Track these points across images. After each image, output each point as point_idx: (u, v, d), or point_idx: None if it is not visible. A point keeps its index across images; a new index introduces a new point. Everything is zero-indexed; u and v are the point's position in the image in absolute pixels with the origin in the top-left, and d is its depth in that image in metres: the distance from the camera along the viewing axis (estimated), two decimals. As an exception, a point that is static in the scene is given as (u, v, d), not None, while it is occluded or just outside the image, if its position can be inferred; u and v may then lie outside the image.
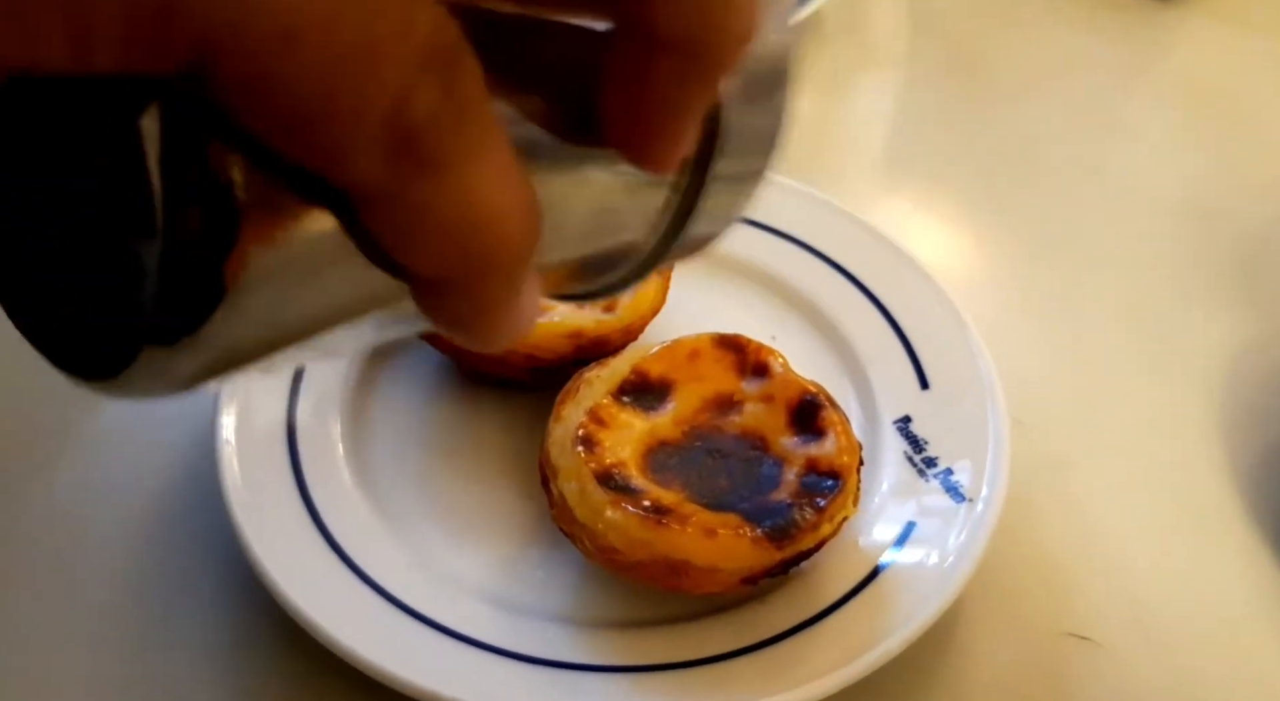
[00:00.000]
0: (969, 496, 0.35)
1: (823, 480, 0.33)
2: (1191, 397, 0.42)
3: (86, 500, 0.37)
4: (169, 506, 0.36)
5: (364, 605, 0.32)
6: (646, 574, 0.32)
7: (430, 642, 0.32)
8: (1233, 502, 0.39)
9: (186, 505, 0.36)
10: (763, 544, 0.31)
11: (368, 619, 0.32)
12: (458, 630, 0.32)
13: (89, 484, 0.37)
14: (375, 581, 0.33)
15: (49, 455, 0.39)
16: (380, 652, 0.31)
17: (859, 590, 0.34)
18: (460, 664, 0.32)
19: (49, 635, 0.34)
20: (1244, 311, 0.46)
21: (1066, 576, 0.37)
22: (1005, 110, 0.57)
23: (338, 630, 0.31)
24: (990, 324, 0.44)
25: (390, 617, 0.32)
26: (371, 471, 0.37)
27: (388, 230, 0.15)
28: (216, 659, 0.33)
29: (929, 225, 0.51)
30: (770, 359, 0.36)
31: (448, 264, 0.15)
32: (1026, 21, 0.62)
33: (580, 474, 0.33)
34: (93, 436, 0.39)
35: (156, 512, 0.36)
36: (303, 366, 0.38)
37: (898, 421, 0.39)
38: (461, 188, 0.14)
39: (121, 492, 0.37)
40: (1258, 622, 0.36)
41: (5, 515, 0.36)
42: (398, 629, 0.32)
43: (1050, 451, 0.40)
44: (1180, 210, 0.51)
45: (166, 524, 0.36)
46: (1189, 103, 0.58)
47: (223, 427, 0.35)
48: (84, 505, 0.37)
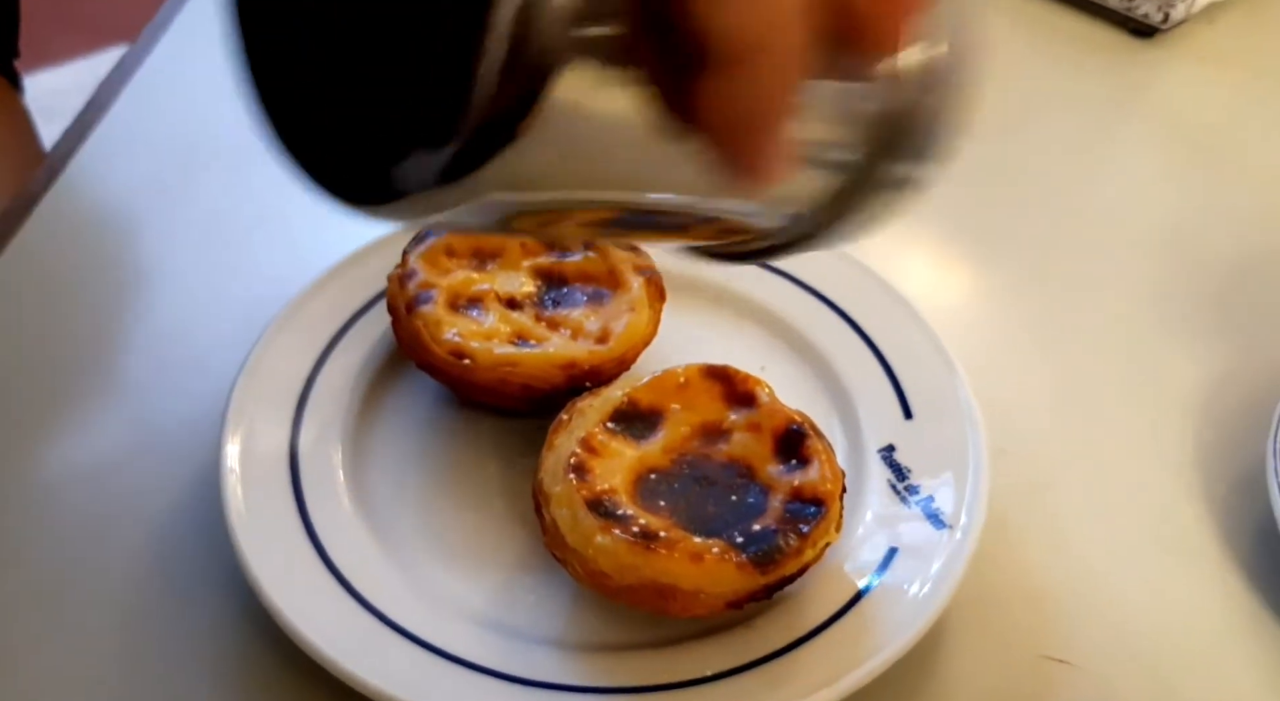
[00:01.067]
0: (949, 523, 0.37)
1: (806, 507, 0.34)
2: (1169, 425, 0.44)
3: (92, 523, 0.38)
4: (174, 529, 0.38)
5: (361, 627, 0.33)
6: (635, 597, 0.33)
7: (425, 664, 0.33)
8: (1208, 528, 0.40)
9: (191, 528, 0.37)
10: (747, 569, 0.32)
11: (365, 640, 0.33)
12: (452, 652, 0.33)
13: (95, 507, 0.39)
14: (373, 604, 0.34)
15: (55, 478, 0.40)
16: (376, 673, 0.32)
17: (842, 614, 0.35)
18: (454, 685, 0.33)
19: (52, 655, 0.35)
20: (1221, 341, 0.47)
21: (1045, 600, 0.38)
22: (991, 146, 0.58)
23: (335, 651, 0.32)
24: (974, 354, 0.45)
25: (386, 639, 0.33)
26: (371, 497, 0.38)
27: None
28: (217, 677, 0.34)
29: (916, 258, 0.52)
30: (757, 389, 0.38)
31: (742, 26, 0.18)
32: (1012, 60, 0.64)
33: (572, 500, 0.34)
34: (99, 460, 0.40)
35: (162, 535, 0.38)
36: (305, 394, 0.39)
37: (882, 450, 0.40)
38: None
39: (128, 515, 0.38)
40: (1232, 646, 0.37)
41: (9, 537, 0.38)
42: (394, 650, 0.33)
43: (1031, 478, 0.42)
44: (1160, 242, 0.52)
45: (171, 546, 0.37)
46: (1169, 137, 0.59)
47: (227, 453, 0.36)
48: (90, 527, 0.38)
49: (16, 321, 0.45)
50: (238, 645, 0.35)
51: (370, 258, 0.43)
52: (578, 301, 0.42)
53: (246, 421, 0.37)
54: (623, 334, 0.40)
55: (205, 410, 0.39)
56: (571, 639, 0.35)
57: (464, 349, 0.38)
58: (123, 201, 0.50)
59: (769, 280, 0.45)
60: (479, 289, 0.41)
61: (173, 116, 0.55)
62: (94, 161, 0.52)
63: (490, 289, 0.41)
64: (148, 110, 0.55)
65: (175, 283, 0.47)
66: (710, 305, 0.45)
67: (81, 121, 0.54)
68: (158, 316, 0.46)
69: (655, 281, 0.42)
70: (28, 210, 0.49)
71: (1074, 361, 0.47)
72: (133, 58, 0.58)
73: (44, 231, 0.49)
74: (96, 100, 0.55)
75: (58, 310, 0.46)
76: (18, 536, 0.38)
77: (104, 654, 0.35)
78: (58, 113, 0.55)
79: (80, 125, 0.54)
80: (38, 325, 0.45)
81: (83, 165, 0.51)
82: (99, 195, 0.51)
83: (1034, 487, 0.41)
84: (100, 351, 0.44)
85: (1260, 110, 0.60)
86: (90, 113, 0.54)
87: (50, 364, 0.44)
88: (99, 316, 0.46)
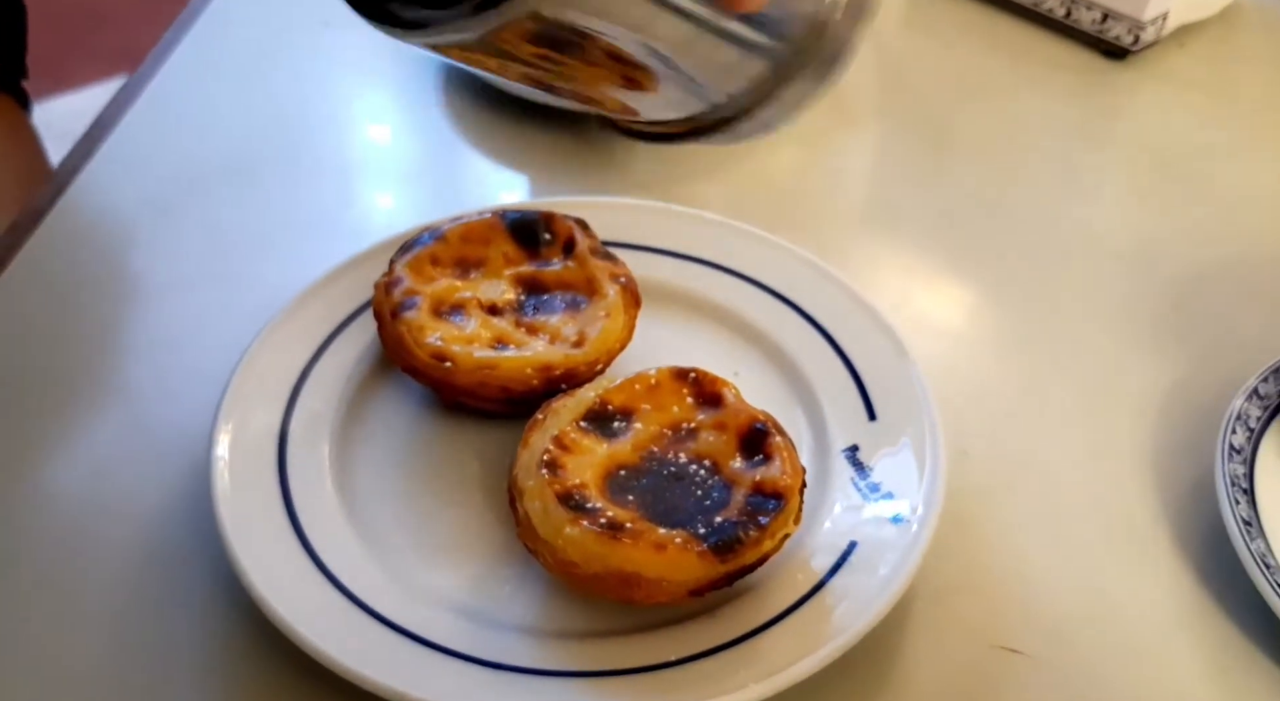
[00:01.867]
0: (906, 519, 0.38)
1: (767, 500, 0.36)
2: (1126, 429, 0.45)
3: (89, 521, 0.40)
4: (167, 524, 0.39)
5: (343, 614, 0.35)
6: (602, 586, 0.35)
7: (403, 649, 0.35)
8: (1161, 527, 0.42)
9: (183, 523, 0.39)
10: (708, 557, 0.34)
11: (346, 626, 0.35)
12: (430, 638, 0.35)
13: (92, 506, 0.41)
14: (353, 593, 0.36)
15: (55, 479, 0.42)
16: (356, 658, 0.33)
17: (801, 603, 0.36)
18: (431, 669, 0.34)
19: (44, 643, 0.36)
20: (1177, 349, 0.49)
21: (1000, 594, 0.39)
22: (965, 164, 0.60)
23: (317, 637, 0.34)
24: (941, 361, 0.47)
25: (366, 626, 0.35)
26: (355, 491, 0.40)
27: None
28: (203, 659, 0.36)
29: (891, 270, 0.54)
30: (724, 390, 0.39)
31: None
32: (987, 82, 0.66)
33: (543, 494, 0.36)
34: (99, 461, 0.42)
35: (155, 530, 0.39)
36: (296, 393, 0.41)
37: (846, 450, 0.41)
38: None
39: (123, 513, 0.40)
40: (1181, 637, 0.38)
41: (8, 536, 0.39)
42: (373, 636, 0.35)
43: (992, 478, 0.43)
44: (1122, 254, 0.54)
45: (164, 539, 0.39)
46: (1136, 157, 0.61)
47: (218, 443, 0.38)
48: (86, 525, 0.40)
49: (22, 329, 0.47)
50: (225, 633, 0.36)
51: (359, 267, 0.45)
52: (556, 308, 0.44)
53: (238, 415, 0.39)
54: (597, 339, 0.42)
55: (200, 414, 0.41)
56: (544, 626, 0.36)
57: (445, 352, 0.40)
58: (125, 216, 0.53)
59: (743, 289, 0.47)
60: (461, 296, 0.43)
61: (174, 137, 0.58)
62: (98, 178, 0.54)
63: (472, 296, 0.43)
64: (150, 130, 0.58)
65: (174, 294, 0.49)
66: (686, 312, 0.47)
67: (87, 140, 0.56)
68: (157, 325, 0.48)
69: (630, 289, 0.44)
70: (34, 224, 0.52)
71: (1037, 368, 0.48)
72: (137, 81, 0.60)
73: (49, 244, 0.51)
74: (102, 120, 0.57)
75: (61, 319, 0.48)
76: (16, 535, 0.40)
77: (97, 643, 0.36)
78: (71, 135, 0.58)
79: (86, 143, 0.56)
80: (42, 333, 0.47)
81: (87, 181, 0.54)
82: (102, 210, 0.53)
83: (994, 487, 0.43)
84: (101, 358, 0.46)
85: (1224, 131, 0.62)
86: (96, 132, 0.57)
87: (53, 370, 0.46)
88: (101, 325, 0.48)
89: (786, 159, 0.59)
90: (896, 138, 0.63)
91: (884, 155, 0.62)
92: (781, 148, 0.60)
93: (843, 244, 0.55)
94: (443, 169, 0.59)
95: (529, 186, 0.57)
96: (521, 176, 0.58)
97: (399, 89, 0.62)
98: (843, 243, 0.55)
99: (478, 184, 0.58)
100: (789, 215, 0.55)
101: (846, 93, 0.65)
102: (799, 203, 0.57)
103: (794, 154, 0.60)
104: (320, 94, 0.62)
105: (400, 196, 0.57)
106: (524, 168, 0.58)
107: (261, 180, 0.55)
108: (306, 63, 0.64)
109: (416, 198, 0.57)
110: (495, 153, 0.58)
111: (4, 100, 0.74)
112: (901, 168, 0.61)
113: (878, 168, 0.61)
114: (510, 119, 0.59)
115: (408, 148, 0.60)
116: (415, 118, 0.61)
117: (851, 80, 0.66)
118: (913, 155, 0.61)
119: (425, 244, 0.44)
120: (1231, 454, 0.41)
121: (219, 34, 0.65)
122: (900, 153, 0.62)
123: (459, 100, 0.61)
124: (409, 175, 0.59)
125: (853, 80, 0.66)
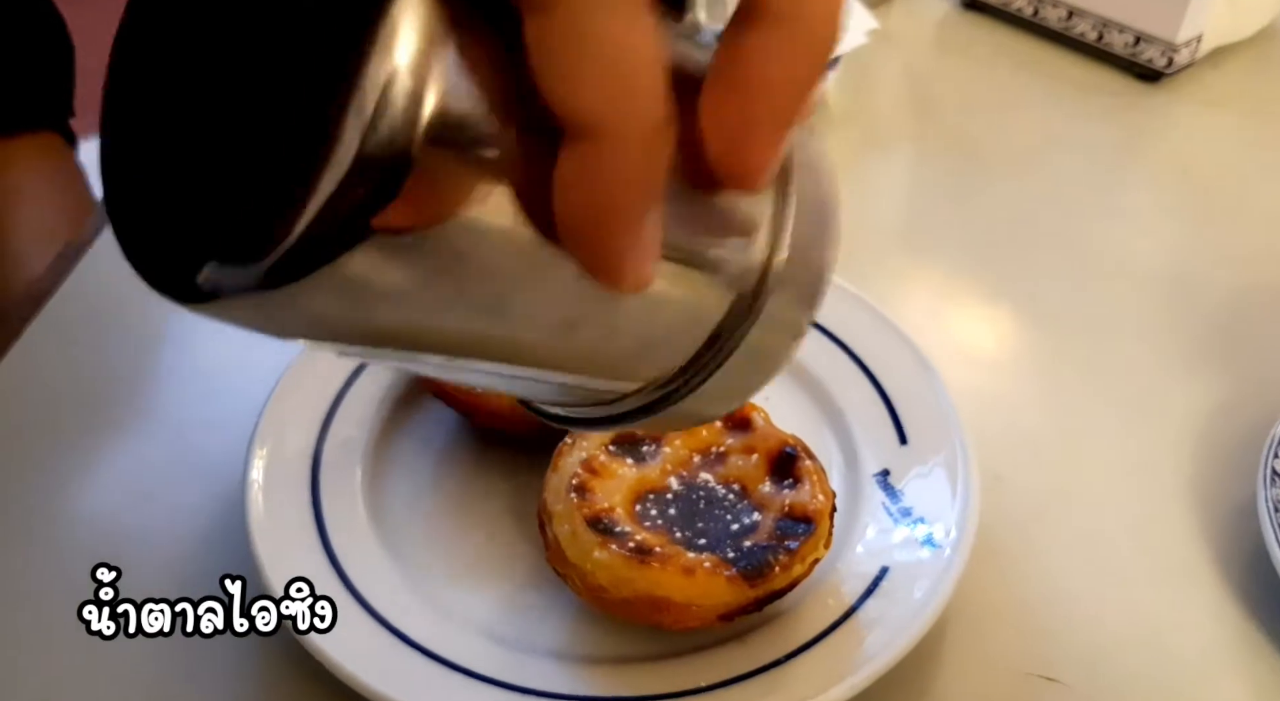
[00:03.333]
0: (940, 544, 0.38)
1: (797, 524, 0.36)
2: (1165, 457, 0.44)
3: (129, 540, 0.41)
4: (201, 546, 0.40)
5: (373, 637, 0.35)
6: (631, 610, 0.35)
7: (433, 673, 0.35)
8: (1203, 557, 0.41)
9: (217, 544, 0.40)
10: (737, 582, 0.34)
11: (376, 650, 0.35)
12: (459, 662, 0.35)
13: (132, 524, 0.41)
14: (384, 617, 0.36)
15: (87, 494, 0.43)
16: (385, 680, 0.33)
17: (833, 629, 0.36)
18: (460, 693, 0.34)
19: (80, 667, 0.37)
20: (1216, 373, 0.48)
21: (1036, 621, 0.39)
22: (998, 187, 0.60)
23: (346, 659, 0.34)
24: (973, 384, 0.46)
25: (396, 649, 0.35)
26: (387, 515, 0.40)
27: (544, 51, 0.16)
28: (236, 682, 0.36)
29: (922, 292, 0.54)
30: (753, 414, 0.39)
31: (593, 97, 0.16)
32: (1019, 104, 0.66)
33: (572, 518, 0.36)
34: (139, 481, 0.43)
35: (190, 552, 0.40)
36: (329, 418, 0.41)
37: (877, 474, 0.41)
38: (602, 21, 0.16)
39: (162, 533, 0.41)
40: (1225, 670, 0.37)
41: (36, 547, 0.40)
42: (403, 659, 0.35)
43: (1028, 503, 0.43)
44: (1160, 279, 0.53)
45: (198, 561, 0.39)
46: (1171, 179, 0.61)
47: (252, 468, 0.38)
48: (126, 545, 0.40)
49: (65, 355, 0.48)
50: (257, 655, 0.37)
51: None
52: (585, 333, 0.44)
53: (273, 440, 0.40)
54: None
55: (236, 440, 0.41)
56: (573, 651, 0.36)
57: (476, 377, 0.41)
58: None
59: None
60: (492, 322, 0.43)
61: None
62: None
63: (503, 322, 0.44)
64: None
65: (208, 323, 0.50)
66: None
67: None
68: (195, 353, 0.49)
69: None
70: (80, 254, 0.53)
71: (1071, 391, 0.48)
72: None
73: (93, 274, 0.52)
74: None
75: (103, 345, 0.49)
76: (54, 558, 0.40)
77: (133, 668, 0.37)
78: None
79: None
80: (84, 359, 0.48)
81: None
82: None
83: (1029, 513, 0.42)
84: (141, 385, 0.47)
85: (1261, 152, 0.62)
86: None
87: (94, 396, 0.47)
88: (141, 351, 0.49)
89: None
90: (928, 160, 0.63)
91: (915, 178, 0.62)
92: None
93: (872, 266, 0.55)
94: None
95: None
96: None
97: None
98: (872, 265, 0.55)
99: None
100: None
101: (877, 115, 0.65)
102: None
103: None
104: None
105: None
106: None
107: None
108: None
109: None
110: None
111: (52, 138, 0.76)
112: (933, 190, 0.60)
113: (909, 190, 0.61)
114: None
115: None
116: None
117: (883, 103, 0.66)
118: (944, 178, 0.61)
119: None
120: (1274, 479, 0.40)
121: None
122: (931, 175, 0.61)
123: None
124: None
125: (884, 103, 0.67)
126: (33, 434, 0.45)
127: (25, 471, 0.43)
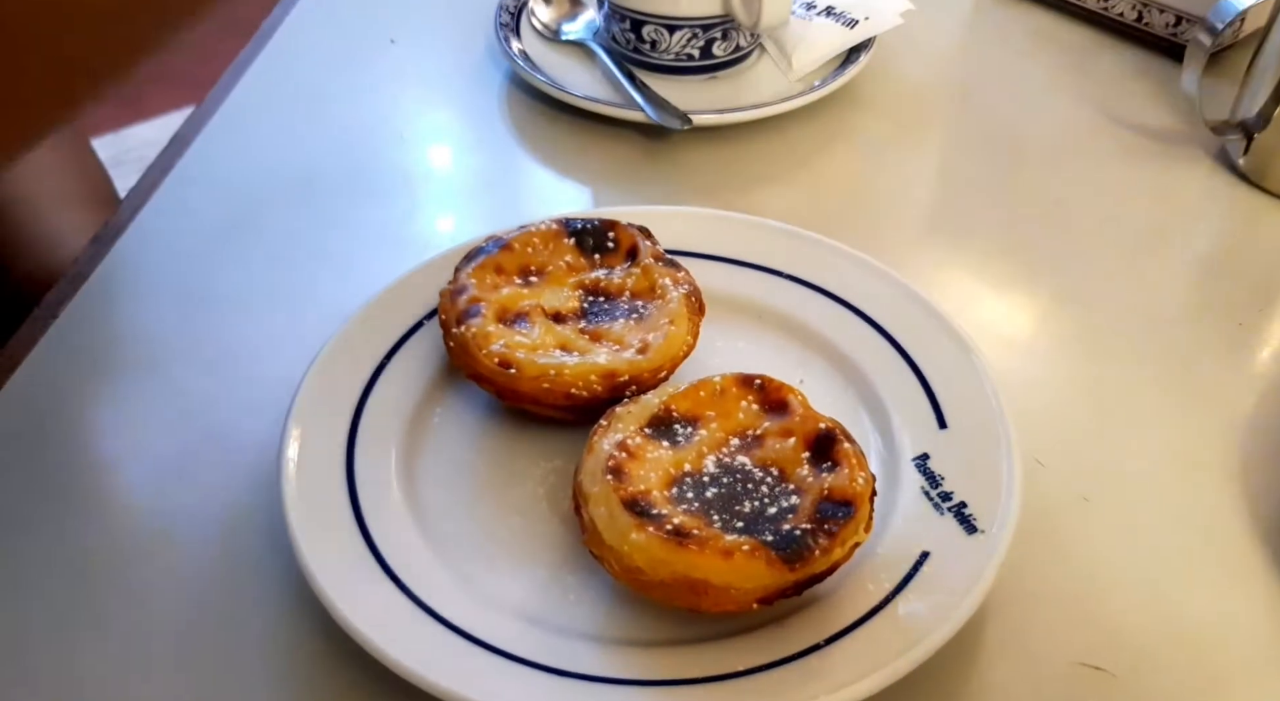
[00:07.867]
0: (981, 529, 0.37)
1: (836, 508, 0.35)
2: (1213, 444, 0.43)
3: (160, 522, 0.41)
4: (236, 529, 0.40)
5: (409, 618, 0.35)
6: (668, 593, 0.34)
7: (469, 654, 0.34)
8: (1254, 547, 0.40)
9: (251, 527, 0.40)
10: (776, 565, 0.33)
11: (412, 630, 0.35)
12: (496, 644, 0.35)
13: (163, 508, 0.41)
14: (420, 597, 0.36)
15: (121, 478, 0.43)
16: (421, 661, 0.33)
17: (872, 614, 0.35)
18: (497, 675, 0.34)
19: (116, 648, 0.37)
20: (1264, 352, 0.47)
21: (1081, 609, 0.38)
22: (1035, 169, 0.59)
23: (383, 639, 0.34)
24: (1012, 368, 0.46)
25: (432, 630, 0.35)
26: (422, 498, 0.40)
27: None
28: (274, 661, 0.36)
29: (958, 276, 0.53)
30: (790, 396, 0.39)
31: None
32: (1056, 86, 0.65)
33: (609, 500, 0.35)
34: (171, 463, 0.43)
35: (225, 534, 0.40)
36: (363, 401, 0.41)
37: (916, 458, 0.40)
38: None
39: (195, 515, 0.41)
40: (1275, 666, 0.37)
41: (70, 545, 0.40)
42: (439, 641, 0.35)
43: (1071, 489, 0.42)
44: (1202, 260, 0.52)
45: (232, 544, 0.39)
46: (1215, 159, 0.59)
47: (287, 450, 0.38)
48: (156, 527, 0.40)
49: (99, 340, 0.49)
50: (293, 635, 0.37)
51: (425, 276, 0.46)
52: (620, 315, 0.43)
53: (307, 422, 0.40)
54: (661, 346, 0.41)
55: (270, 423, 0.41)
56: (610, 634, 0.36)
57: (510, 359, 0.40)
58: (195, 234, 0.54)
59: (806, 295, 0.47)
60: (526, 304, 0.43)
61: (244, 156, 0.59)
62: (169, 200, 0.56)
63: (536, 304, 0.43)
64: (222, 149, 0.59)
65: (245, 306, 0.50)
66: (751, 321, 0.47)
67: (159, 164, 0.58)
68: (229, 337, 0.49)
69: (694, 296, 0.44)
70: (113, 239, 0.53)
71: (1114, 375, 0.47)
72: (210, 104, 0.62)
73: (126, 259, 0.52)
74: (173, 146, 0.59)
75: (136, 330, 0.49)
76: (89, 541, 0.40)
77: (169, 647, 0.37)
78: (146, 161, 0.60)
79: (158, 168, 0.58)
80: (119, 343, 0.49)
81: (159, 203, 0.55)
82: (177, 227, 0.54)
83: (1071, 498, 0.42)
84: (175, 369, 0.47)
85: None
86: (167, 157, 0.58)
87: (128, 379, 0.47)
88: (175, 336, 0.49)
89: (849, 166, 0.59)
90: (963, 142, 0.62)
91: (949, 162, 0.61)
92: (844, 155, 0.60)
93: (907, 250, 0.54)
94: (507, 181, 0.59)
95: (592, 197, 0.58)
96: (585, 188, 0.58)
97: (462, 103, 0.63)
98: (907, 249, 0.54)
99: (541, 195, 0.58)
100: (852, 222, 0.55)
101: (911, 100, 0.64)
102: (862, 210, 0.56)
103: (857, 161, 0.59)
104: (385, 111, 0.63)
105: (465, 209, 0.58)
106: (587, 179, 0.58)
107: (329, 196, 0.56)
108: (372, 80, 0.65)
109: (481, 210, 0.58)
110: (558, 164, 0.59)
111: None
112: (967, 174, 0.59)
113: (942, 174, 0.60)
114: (572, 130, 0.59)
115: (472, 162, 0.61)
116: (479, 132, 0.61)
117: (915, 87, 0.65)
118: (978, 162, 0.60)
119: (489, 252, 0.44)
120: (1325, 463, 0.39)
121: (287, 55, 0.66)
122: (965, 159, 0.60)
123: (521, 112, 0.61)
124: (473, 189, 0.59)
125: (917, 87, 0.66)
126: (69, 415, 0.45)
127: (60, 453, 0.43)
